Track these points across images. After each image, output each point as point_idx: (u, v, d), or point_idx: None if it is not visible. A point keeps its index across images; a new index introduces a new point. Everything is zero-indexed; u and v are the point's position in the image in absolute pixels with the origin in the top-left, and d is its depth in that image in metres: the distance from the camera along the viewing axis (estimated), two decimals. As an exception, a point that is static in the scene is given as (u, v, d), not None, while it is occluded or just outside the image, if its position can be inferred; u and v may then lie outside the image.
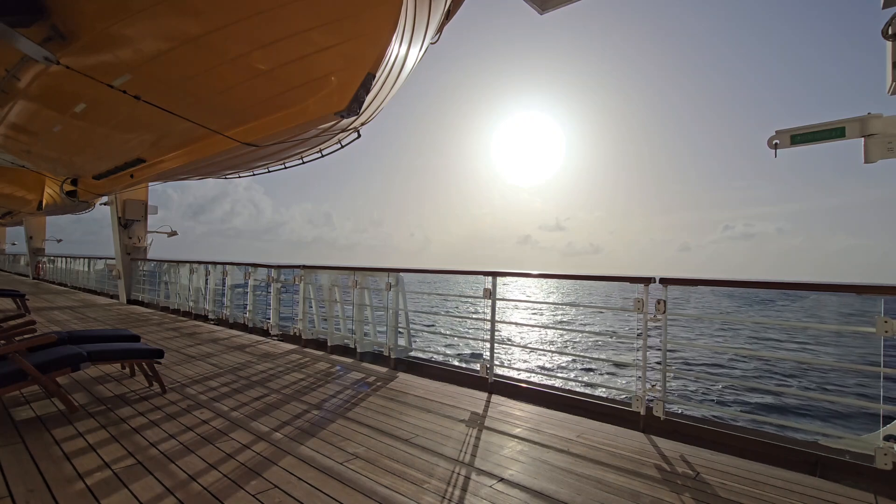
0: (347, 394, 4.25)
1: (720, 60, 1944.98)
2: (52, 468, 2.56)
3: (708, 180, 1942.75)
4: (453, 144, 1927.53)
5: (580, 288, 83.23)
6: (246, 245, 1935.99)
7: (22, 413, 3.49)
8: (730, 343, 22.77)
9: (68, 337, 4.26)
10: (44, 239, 23.37)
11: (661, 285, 3.58)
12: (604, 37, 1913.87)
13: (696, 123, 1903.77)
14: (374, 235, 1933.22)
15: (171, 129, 6.56)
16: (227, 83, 5.34)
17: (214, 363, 5.37)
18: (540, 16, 6.55)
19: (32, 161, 10.71)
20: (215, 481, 2.44)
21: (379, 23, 4.37)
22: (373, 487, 2.43)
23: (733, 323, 30.13)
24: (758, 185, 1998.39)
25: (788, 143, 3.35)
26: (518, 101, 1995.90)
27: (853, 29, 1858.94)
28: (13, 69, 5.79)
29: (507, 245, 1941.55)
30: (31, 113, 7.21)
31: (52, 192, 15.35)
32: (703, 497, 2.44)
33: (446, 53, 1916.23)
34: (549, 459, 2.88)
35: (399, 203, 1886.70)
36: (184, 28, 4.74)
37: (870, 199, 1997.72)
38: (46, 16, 4.64)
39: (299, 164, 8.99)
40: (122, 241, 12.49)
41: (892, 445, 2.69)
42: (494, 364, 4.58)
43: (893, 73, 3.04)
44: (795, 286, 3.96)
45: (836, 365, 5.07)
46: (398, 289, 5.74)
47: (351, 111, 4.76)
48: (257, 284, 8.23)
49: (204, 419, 3.44)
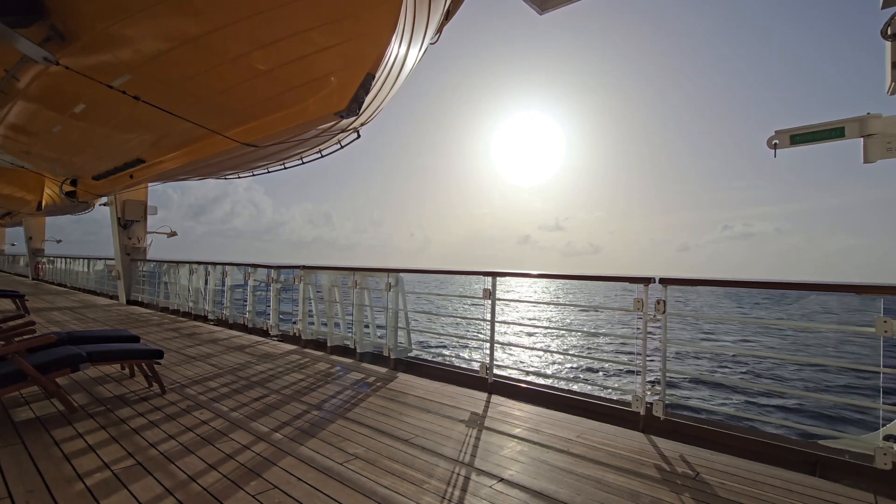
0: (347, 394, 4.25)
1: (720, 60, 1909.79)
2: (52, 469, 2.56)
3: (708, 180, 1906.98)
4: (453, 144, 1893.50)
5: (579, 288, 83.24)
6: (246, 245, 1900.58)
7: (21, 414, 3.48)
8: (730, 343, 22.77)
9: (68, 337, 4.26)
10: (43, 239, 23.36)
11: (660, 285, 3.58)
12: (603, 37, 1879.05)
13: (696, 123, 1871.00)
14: (374, 235, 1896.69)
15: (170, 130, 6.55)
16: (227, 83, 5.34)
17: (214, 364, 5.37)
18: (539, 16, 6.56)
19: (32, 161, 10.70)
20: (215, 482, 2.44)
21: (379, 23, 4.37)
22: (373, 488, 2.43)
23: (733, 323, 30.15)
24: (758, 185, 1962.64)
25: (788, 143, 3.35)
26: (518, 101, 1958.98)
27: (853, 29, 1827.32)
28: (12, 69, 5.78)
29: (506, 245, 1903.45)
30: (30, 113, 7.20)
31: (52, 192, 15.34)
32: (703, 497, 2.44)
33: (446, 53, 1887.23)
34: (549, 459, 2.88)
35: (399, 203, 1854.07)
36: (184, 28, 4.74)
37: (869, 199, 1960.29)
38: (46, 16, 4.64)
39: (299, 165, 8.99)
40: (122, 241, 12.48)
41: (892, 445, 2.69)
42: (494, 364, 4.58)
43: (893, 73, 3.05)
44: (795, 286, 3.96)
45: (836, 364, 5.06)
46: (398, 289, 5.74)
47: (351, 111, 4.76)
48: (257, 285, 8.23)
49: (204, 420, 3.44)
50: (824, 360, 14.90)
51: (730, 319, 37.53)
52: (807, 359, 6.71)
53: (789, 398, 11.19)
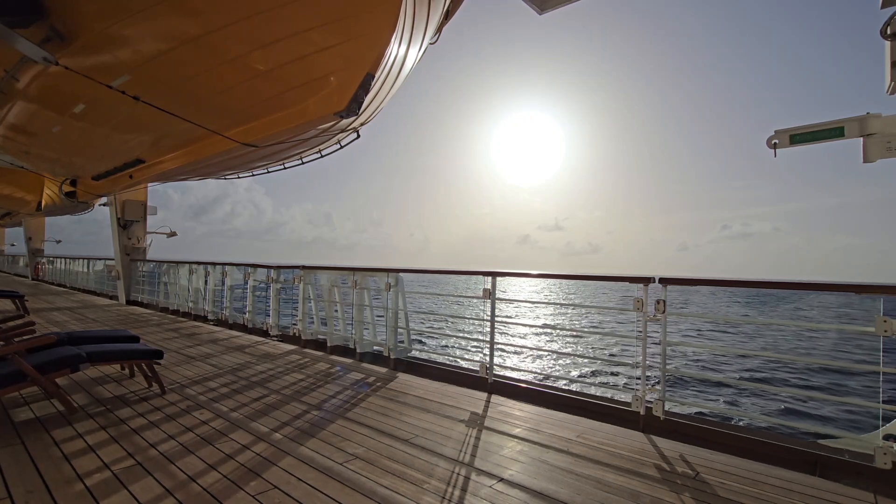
0: (347, 394, 4.25)
1: (719, 60, 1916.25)
2: (52, 469, 2.56)
3: (707, 180, 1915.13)
4: (453, 144, 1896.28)
5: (578, 289, 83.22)
6: (246, 245, 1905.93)
7: (21, 414, 3.48)
8: (729, 343, 22.78)
9: (67, 338, 4.25)
10: (43, 240, 23.35)
11: (660, 285, 3.58)
12: (603, 37, 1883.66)
13: (695, 123, 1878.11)
14: (374, 235, 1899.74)
15: (170, 130, 6.55)
16: (227, 83, 5.33)
17: (214, 364, 5.37)
18: (539, 16, 6.56)
19: (31, 162, 10.69)
20: (215, 482, 2.44)
21: (378, 23, 4.37)
22: (372, 488, 2.43)
23: (733, 322, 30.15)
24: (757, 184, 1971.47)
25: (788, 142, 3.35)
26: (517, 101, 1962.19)
27: (852, 29, 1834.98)
28: (12, 70, 5.78)
29: (506, 245, 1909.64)
30: (29, 114, 7.20)
31: (51, 192, 15.33)
32: (703, 497, 2.44)
33: (445, 54, 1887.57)
34: (549, 459, 2.88)
35: (399, 203, 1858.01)
36: (183, 28, 4.74)
37: (869, 199, 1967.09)
38: (45, 16, 4.63)
39: (299, 165, 8.99)
40: (122, 241, 12.47)
41: (892, 445, 2.70)
42: (494, 364, 4.58)
43: (892, 73, 3.05)
44: (795, 286, 3.96)
45: (836, 364, 5.06)
46: (398, 289, 5.74)
47: (350, 111, 4.76)
48: (257, 285, 8.23)
49: (203, 420, 3.44)
50: (824, 360, 14.90)
51: (730, 319, 37.56)
52: (807, 359, 6.72)
53: (789, 398, 11.20)
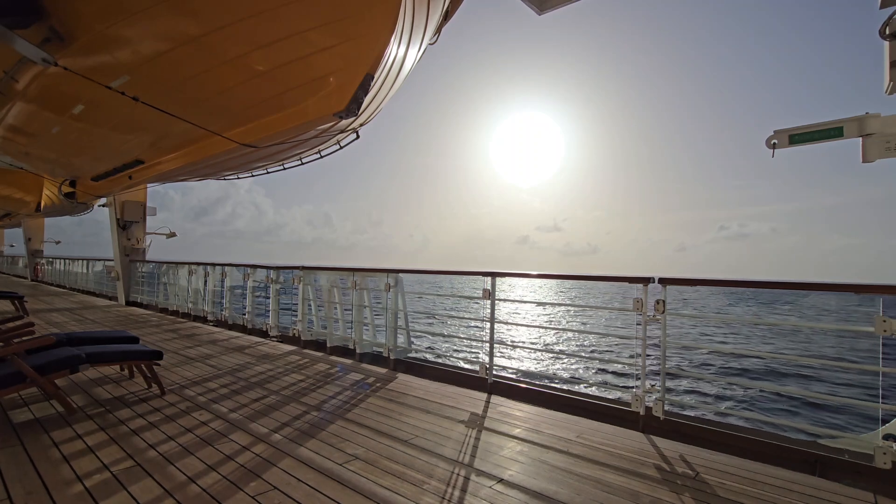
0: (347, 395, 4.25)
1: (719, 60, 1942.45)
2: (51, 470, 2.56)
3: (706, 180, 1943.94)
4: (452, 145, 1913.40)
5: (578, 289, 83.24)
6: (247, 246, 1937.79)
7: (20, 415, 3.48)
8: (729, 343, 22.78)
9: (67, 339, 4.25)
10: (42, 240, 23.34)
11: (659, 285, 3.58)
12: (602, 37, 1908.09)
13: (694, 123, 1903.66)
14: (374, 236, 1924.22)
15: (169, 131, 6.55)
16: (226, 84, 5.34)
17: (213, 365, 5.36)
18: (538, 16, 6.56)
19: (31, 162, 10.70)
20: (214, 483, 2.44)
21: (377, 23, 4.37)
22: (372, 489, 2.43)
23: (732, 322, 30.16)
24: (756, 184, 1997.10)
25: (787, 142, 3.36)
26: (516, 102, 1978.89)
27: (851, 29, 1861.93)
28: (11, 71, 5.78)
29: (505, 245, 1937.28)
30: (29, 114, 7.20)
31: (51, 193, 15.33)
32: (703, 497, 2.44)
33: (445, 54, 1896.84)
34: (549, 460, 2.88)
35: (398, 204, 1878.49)
36: (182, 29, 4.74)
37: (868, 199, 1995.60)
38: (44, 17, 4.64)
39: (298, 165, 8.99)
40: (121, 242, 12.47)
41: (892, 444, 2.70)
42: (494, 364, 4.58)
43: (891, 73, 3.05)
44: (794, 286, 3.95)
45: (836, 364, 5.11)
46: (397, 289, 5.74)
47: (350, 112, 4.76)
48: (256, 286, 8.22)
49: (203, 421, 3.44)
50: (824, 359, 14.92)
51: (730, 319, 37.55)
52: (807, 358, 6.72)
53: (789, 397, 11.20)
